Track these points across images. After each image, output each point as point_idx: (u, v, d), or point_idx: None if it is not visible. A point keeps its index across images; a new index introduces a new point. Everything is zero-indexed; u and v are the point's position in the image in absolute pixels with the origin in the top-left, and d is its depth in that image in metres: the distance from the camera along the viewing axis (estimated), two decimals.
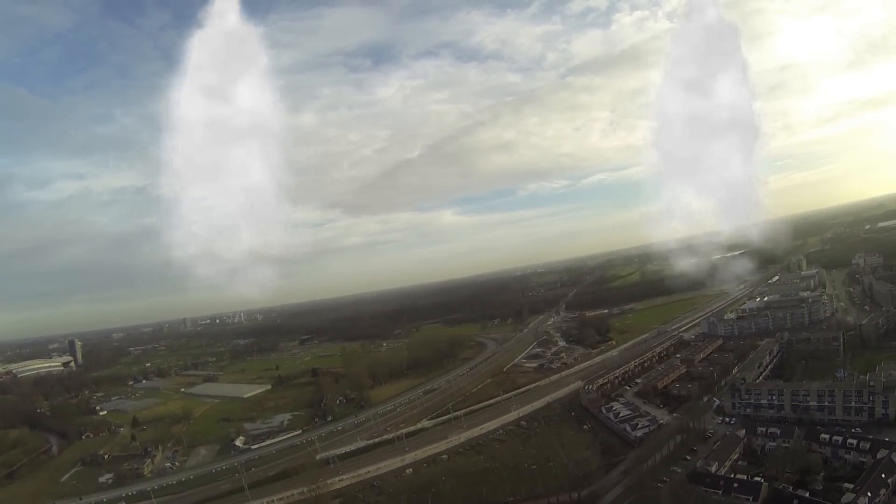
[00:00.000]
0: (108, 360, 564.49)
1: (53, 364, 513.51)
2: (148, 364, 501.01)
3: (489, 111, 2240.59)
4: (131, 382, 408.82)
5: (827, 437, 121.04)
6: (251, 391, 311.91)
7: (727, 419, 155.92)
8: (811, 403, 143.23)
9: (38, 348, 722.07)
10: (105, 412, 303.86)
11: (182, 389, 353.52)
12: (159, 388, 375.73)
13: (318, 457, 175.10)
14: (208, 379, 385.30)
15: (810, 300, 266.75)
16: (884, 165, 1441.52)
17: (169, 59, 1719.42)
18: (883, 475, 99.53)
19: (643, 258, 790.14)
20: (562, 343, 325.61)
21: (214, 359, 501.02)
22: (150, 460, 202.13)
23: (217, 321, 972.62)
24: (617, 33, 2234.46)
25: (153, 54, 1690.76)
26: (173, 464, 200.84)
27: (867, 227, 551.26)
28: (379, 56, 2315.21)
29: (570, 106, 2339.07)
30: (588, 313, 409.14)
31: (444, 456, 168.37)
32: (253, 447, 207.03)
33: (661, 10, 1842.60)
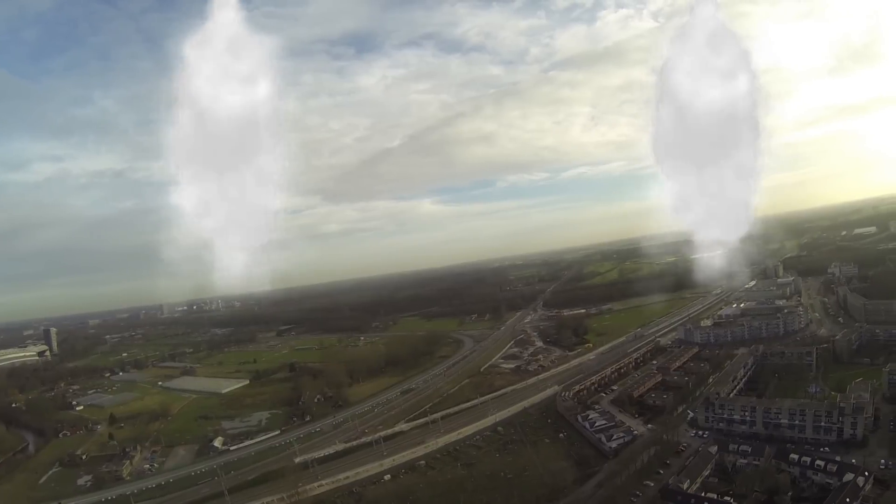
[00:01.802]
0: (84, 350, 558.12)
1: (28, 354, 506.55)
2: (125, 354, 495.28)
3: (471, 103, 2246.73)
4: (108, 375, 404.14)
5: (796, 457, 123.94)
6: (229, 386, 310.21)
7: (700, 432, 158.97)
8: (783, 421, 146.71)
9: (12, 334, 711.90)
10: (82, 407, 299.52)
11: (159, 383, 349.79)
12: (136, 380, 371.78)
13: (296, 460, 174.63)
14: (186, 372, 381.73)
15: (786, 310, 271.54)
16: (861, 171, 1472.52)
17: (150, 41, 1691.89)
18: (848, 499, 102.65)
19: (622, 254, 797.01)
20: (539, 343, 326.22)
21: (192, 350, 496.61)
22: (128, 461, 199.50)
23: (194, 308, 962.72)
24: (601, 30, 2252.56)
25: (134, 37, 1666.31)
26: (152, 465, 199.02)
27: (843, 233, 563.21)
28: (362, 45, 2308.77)
29: (552, 100, 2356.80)
30: (566, 312, 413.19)
31: (422, 462, 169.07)
32: (232, 448, 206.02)
33: (646, 10, 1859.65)
